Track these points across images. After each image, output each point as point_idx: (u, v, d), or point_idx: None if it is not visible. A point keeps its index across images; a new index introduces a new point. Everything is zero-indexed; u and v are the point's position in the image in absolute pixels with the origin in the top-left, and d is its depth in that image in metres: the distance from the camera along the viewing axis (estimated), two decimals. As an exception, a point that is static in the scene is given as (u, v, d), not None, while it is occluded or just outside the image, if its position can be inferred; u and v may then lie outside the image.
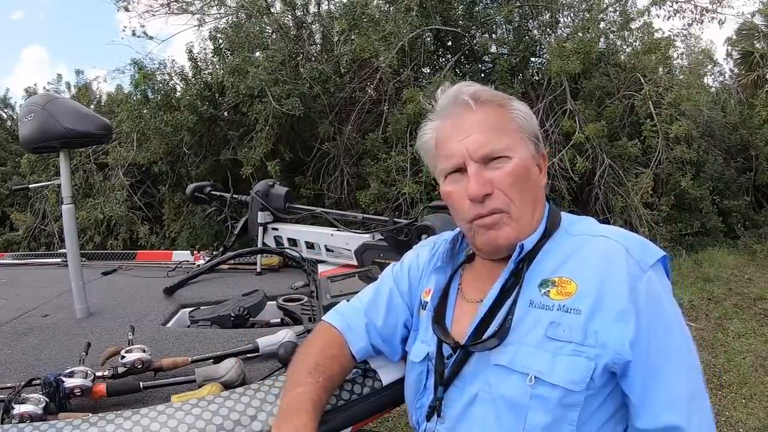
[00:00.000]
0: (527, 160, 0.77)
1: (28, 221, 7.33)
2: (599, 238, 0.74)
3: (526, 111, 0.81)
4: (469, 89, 0.79)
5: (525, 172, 0.76)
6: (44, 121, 1.38)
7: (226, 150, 6.65)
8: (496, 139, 0.75)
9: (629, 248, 0.72)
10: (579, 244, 0.75)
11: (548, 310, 0.70)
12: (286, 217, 2.02)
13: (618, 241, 0.73)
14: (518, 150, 0.76)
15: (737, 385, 3.06)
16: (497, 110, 0.78)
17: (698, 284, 5.09)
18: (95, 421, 0.78)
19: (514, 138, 0.77)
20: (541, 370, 0.68)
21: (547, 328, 0.70)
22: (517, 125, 0.78)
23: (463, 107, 0.78)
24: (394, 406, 0.96)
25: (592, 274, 0.71)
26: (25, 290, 1.87)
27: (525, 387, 0.68)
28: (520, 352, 0.71)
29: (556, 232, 0.78)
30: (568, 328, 0.68)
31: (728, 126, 7.58)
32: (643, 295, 0.69)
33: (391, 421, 2.70)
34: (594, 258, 0.72)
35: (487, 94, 0.79)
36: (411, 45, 6.31)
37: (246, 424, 0.79)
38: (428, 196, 5.73)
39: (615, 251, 0.72)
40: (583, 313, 0.68)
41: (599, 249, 0.73)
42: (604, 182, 6.00)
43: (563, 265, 0.74)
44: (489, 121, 0.76)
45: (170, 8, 7.20)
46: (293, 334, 1.13)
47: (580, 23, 6.71)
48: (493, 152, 0.75)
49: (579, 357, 0.67)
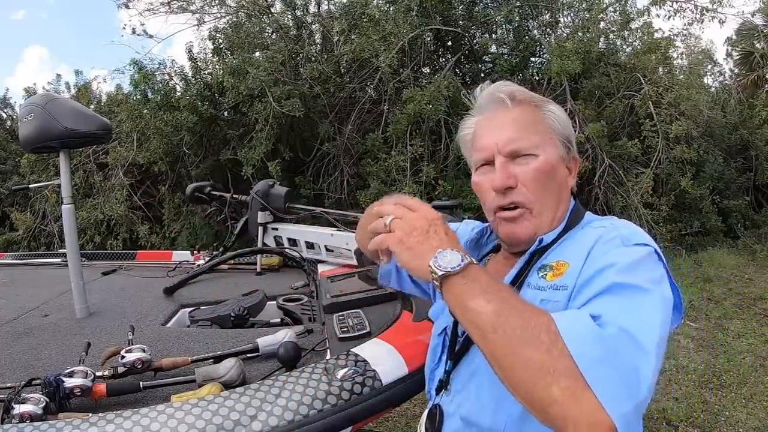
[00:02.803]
0: (554, 160, 0.79)
1: (28, 221, 7.33)
2: (599, 228, 0.76)
3: (560, 114, 0.83)
4: (506, 88, 0.82)
5: (550, 171, 0.78)
6: (44, 121, 1.38)
7: (226, 150, 6.66)
8: (525, 137, 0.78)
9: (618, 228, 0.74)
10: (582, 234, 0.78)
11: (542, 290, 0.73)
12: (286, 217, 2.02)
13: (612, 224, 0.76)
14: (546, 149, 0.78)
15: (737, 385, 3.06)
16: (531, 110, 0.81)
17: (698, 284, 5.09)
18: (95, 421, 0.78)
19: (543, 138, 0.79)
20: None
21: (537, 306, 0.71)
22: (549, 126, 0.80)
23: (498, 104, 0.81)
24: (394, 406, 0.96)
25: (581, 254, 0.72)
26: (25, 290, 1.87)
27: None
28: None
29: (573, 229, 0.80)
30: (555, 303, 0.69)
31: (728, 126, 7.59)
32: (613, 252, 0.68)
33: (391, 420, 2.70)
34: (586, 240, 0.74)
35: (523, 95, 0.82)
36: (411, 45, 6.31)
37: (246, 424, 0.79)
38: (428, 196, 5.73)
39: (606, 232, 0.73)
40: (568, 287, 0.70)
41: (594, 233, 0.75)
42: (604, 182, 6.01)
43: (563, 252, 0.76)
44: (521, 119, 0.79)
45: (170, 7, 7.20)
46: (293, 334, 1.13)
47: (580, 23, 6.72)
48: (521, 149, 0.77)
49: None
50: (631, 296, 0.62)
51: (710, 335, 3.86)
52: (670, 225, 6.19)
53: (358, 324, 1.14)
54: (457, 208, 1.64)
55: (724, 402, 2.87)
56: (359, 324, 1.14)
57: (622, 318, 0.59)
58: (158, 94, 6.55)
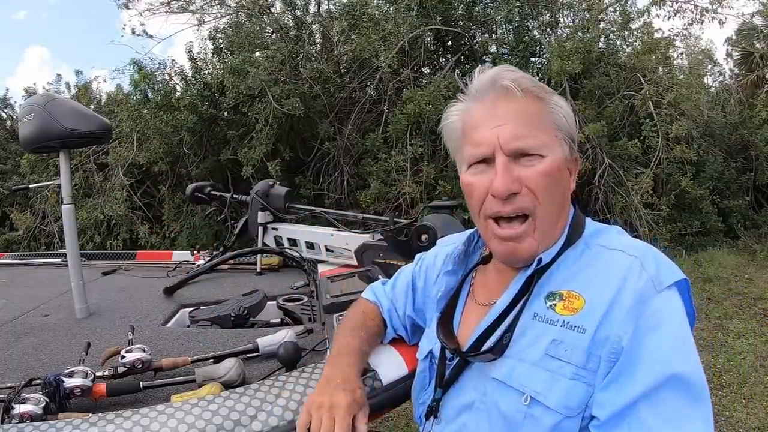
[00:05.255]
0: (561, 162, 0.70)
1: (28, 221, 7.32)
2: (614, 252, 0.69)
3: (566, 109, 0.73)
4: (510, 74, 0.71)
5: (557, 174, 0.69)
6: (44, 121, 1.38)
7: (226, 150, 6.66)
8: (532, 135, 0.68)
9: (645, 264, 0.65)
10: (594, 257, 0.70)
11: (552, 324, 0.66)
12: (286, 217, 2.02)
13: (634, 255, 0.67)
14: (554, 149, 0.69)
15: (737, 385, 3.06)
16: (537, 102, 0.70)
17: (698, 284, 5.08)
18: (95, 421, 0.78)
19: (550, 136, 0.69)
20: (537, 390, 0.64)
21: (548, 346, 0.65)
22: (555, 123, 0.71)
23: (501, 92, 0.70)
24: (394, 406, 0.96)
25: (602, 291, 0.65)
26: (25, 290, 1.87)
27: (520, 404, 0.65)
28: (517, 367, 0.67)
29: (577, 243, 0.72)
30: (570, 347, 0.63)
31: (728, 126, 7.58)
32: (650, 317, 0.61)
33: (391, 420, 2.70)
34: (606, 273, 0.66)
35: (529, 83, 0.71)
36: (411, 45, 6.31)
37: (246, 424, 0.79)
38: (428, 196, 5.73)
39: (630, 267, 0.65)
40: (587, 332, 0.63)
41: (612, 264, 0.67)
42: (604, 182, 6.00)
43: (574, 278, 0.69)
44: (527, 112, 0.69)
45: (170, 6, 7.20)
46: (293, 334, 1.13)
47: (580, 23, 6.71)
48: (528, 148, 0.68)
49: (578, 381, 0.63)
50: (688, 404, 0.59)
51: (710, 335, 3.85)
52: (670, 225, 6.19)
53: (358, 324, 1.14)
54: (456, 208, 1.64)
55: (724, 402, 2.87)
56: (359, 324, 1.14)
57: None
58: (158, 94, 6.55)
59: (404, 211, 5.69)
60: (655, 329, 0.61)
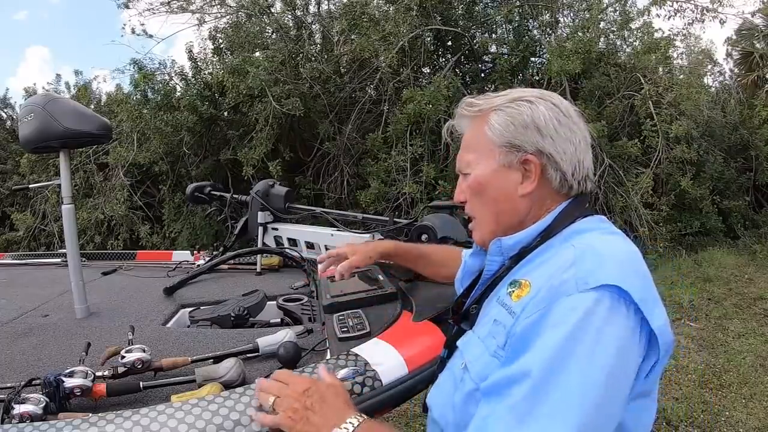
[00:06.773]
0: (486, 176, 0.80)
1: (28, 221, 7.33)
2: (568, 246, 0.71)
3: (503, 120, 0.78)
4: (461, 108, 0.85)
5: (478, 187, 0.81)
6: (44, 121, 1.38)
7: (226, 150, 6.66)
8: (462, 156, 0.84)
9: (580, 260, 0.66)
10: (558, 251, 0.73)
11: (503, 307, 0.72)
12: (286, 217, 2.02)
13: (577, 248, 0.69)
14: (479, 165, 0.81)
15: (737, 385, 3.06)
16: (474, 124, 0.83)
17: (698, 284, 5.09)
18: (95, 421, 0.78)
19: (479, 152, 0.81)
20: (470, 359, 0.74)
21: (491, 325, 0.73)
22: (487, 138, 0.79)
23: (462, 120, 0.87)
24: (394, 406, 0.96)
25: (540, 281, 0.68)
26: (25, 290, 1.87)
27: (460, 369, 0.76)
28: (471, 339, 0.78)
29: (554, 237, 0.75)
30: (501, 328, 0.70)
31: (728, 126, 7.58)
32: (555, 313, 0.62)
33: (391, 420, 2.70)
34: (549, 265, 0.70)
35: (469, 108, 0.83)
36: (411, 45, 6.31)
37: (246, 424, 0.79)
38: (428, 195, 5.73)
39: (566, 260, 0.67)
40: (515, 317, 0.68)
41: (558, 256, 0.70)
42: (604, 182, 6.00)
43: (535, 269, 0.73)
44: (467, 138, 0.84)
45: (170, 6, 7.20)
46: (293, 334, 1.13)
47: (580, 23, 6.71)
48: (460, 168, 0.85)
49: (495, 359, 0.69)
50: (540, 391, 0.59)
51: (710, 335, 3.86)
52: (670, 225, 6.19)
53: (358, 324, 1.14)
54: (457, 208, 1.64)
55: (724, 402, 2.87)
56: (359, 324, 1.14)
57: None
58: (158, 94, 6.56)
59: (404, 211, 5.70)
60: (554, 327, 0.62)
